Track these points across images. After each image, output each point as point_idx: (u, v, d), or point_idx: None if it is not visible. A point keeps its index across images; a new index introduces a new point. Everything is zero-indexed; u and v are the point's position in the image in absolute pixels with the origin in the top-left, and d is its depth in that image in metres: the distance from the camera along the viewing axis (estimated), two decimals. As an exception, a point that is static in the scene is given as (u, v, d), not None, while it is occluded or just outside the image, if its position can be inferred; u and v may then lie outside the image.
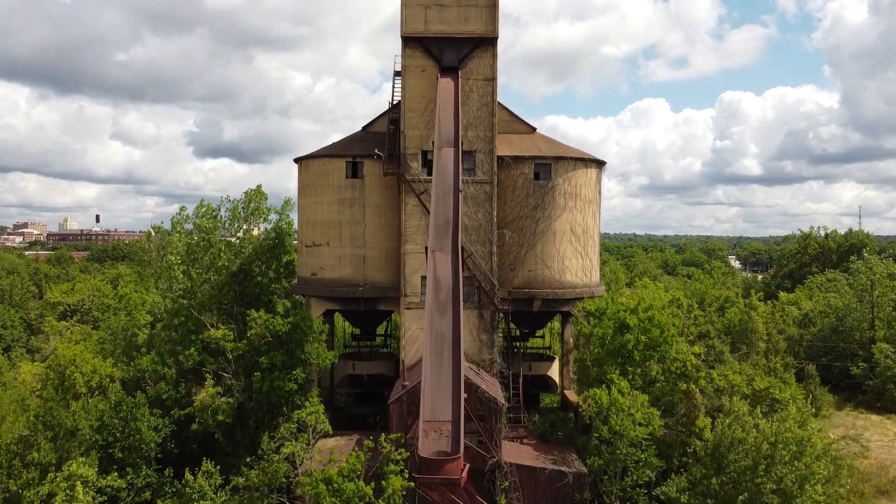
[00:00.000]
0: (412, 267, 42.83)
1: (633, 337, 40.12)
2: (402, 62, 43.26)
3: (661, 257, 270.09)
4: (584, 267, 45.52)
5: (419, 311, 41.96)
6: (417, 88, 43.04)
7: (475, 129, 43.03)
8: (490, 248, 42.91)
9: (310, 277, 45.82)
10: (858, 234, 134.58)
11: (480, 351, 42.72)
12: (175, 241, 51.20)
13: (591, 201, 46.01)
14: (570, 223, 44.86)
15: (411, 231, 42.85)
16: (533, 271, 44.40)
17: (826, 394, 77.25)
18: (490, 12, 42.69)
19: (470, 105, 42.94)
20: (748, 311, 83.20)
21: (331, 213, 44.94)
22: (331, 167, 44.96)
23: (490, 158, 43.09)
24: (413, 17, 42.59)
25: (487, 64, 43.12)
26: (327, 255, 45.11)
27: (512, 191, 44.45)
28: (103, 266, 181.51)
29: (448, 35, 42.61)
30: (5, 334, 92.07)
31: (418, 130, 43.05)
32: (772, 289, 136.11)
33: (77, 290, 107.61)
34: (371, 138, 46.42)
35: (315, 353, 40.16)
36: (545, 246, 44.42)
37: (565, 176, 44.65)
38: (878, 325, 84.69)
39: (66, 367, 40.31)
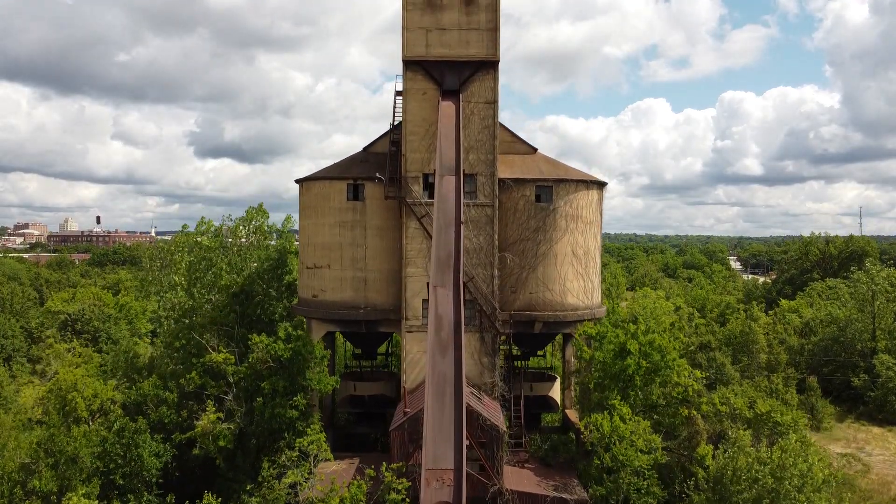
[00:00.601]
0: (413, 290, 42.80)
1: (633, 362, 40.09)
2: (404, 85, 43.21)
3: (661, 260, 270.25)
4: (585, 289, 45.46)
5: (420, 335, 41.99)
6: (418, 111, 42.98)
7: (476, 153, 42.97)
8: (491, 272, 42.87)
9: (311, 299, 45.79)
10: (859, 241, 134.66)
11: (482, 374, 42.68)
12: (178, 261, 51.17)
13: (592, 223, 45.94)
14: (572, 245, 44.80)
15: (412, 254, 42.81)
16: (534, 294, 44.35)
17: (827, 405, 77.28)
18: (491, 35, 42.63)
19: (471, 128, 42.89)
20: (749, 322, 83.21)
21: (332, 236, 44.89)
22: (332, 189, 44.91)
23: (491, 181, 43.04)
24: (414, 41, 42.53)
25: (489, 87, 43.05)
26: (328, 277, 45.06)
27: (513, 213, 44.38)
28: (104, 270, 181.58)
29: (449, 58, 42.56)
30: (6, 344, 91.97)
31: (419, 153, 43.00)
32: (773, 294, 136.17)
33: (78, 298, 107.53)
34: (372, 159, 46.37)
35: (317, 379, 40.16)
36: (546, 268, 44.35)
37: (566, 198, 44.59)
38: (880, 336, 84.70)
39: (67, 391, 40.27)
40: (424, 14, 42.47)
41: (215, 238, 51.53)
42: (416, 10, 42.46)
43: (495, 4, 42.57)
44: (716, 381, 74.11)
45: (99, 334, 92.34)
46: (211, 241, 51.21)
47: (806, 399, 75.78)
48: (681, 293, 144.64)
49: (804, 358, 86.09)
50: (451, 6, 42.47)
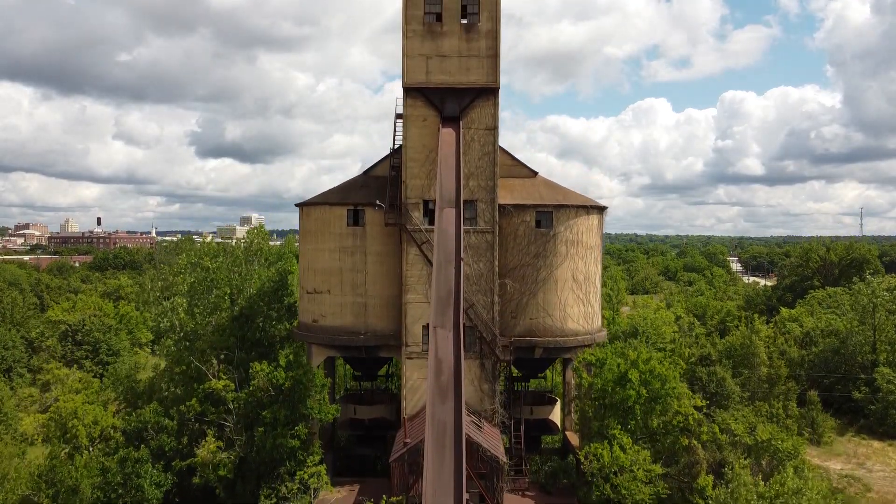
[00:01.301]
0: (413, 316, 42.79)
1: (634, 393, 40.05)
2: (404, 111, 43.17)
3: (662, 262, 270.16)
4: (585, 314, 45.45)
5: (420, 361, 42.03)
6: (419, 138, 42.95)
7: (476, 179, 42.95)
8: (492, 298, 42.87)
9: (311, 324, 45.79)
10: (860, 248, 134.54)
11: (482, 401, 42.69)
12: (179, 283, 51.18)
13: (592, 248, 45.92)
14: (572, 271, 44.78)
15: (413, 280, 42.81)
16: (534, 319, 44.34)
17: (828, 419, 77.23)
18: (491, 62, 42.59)
19: (471, 154, 42.86)
20: (750, 334, 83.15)
21: (332, 261, 44.88)
22: (332, 215, 44.89)
23: (492, 208, 43.03)
24: (415, 68, 42.49)
25: (489, 113, 43.02)
26: (328, 302, 45.06)
27: (514, 238, 44.37)
28: (105, 275, 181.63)
29: (449, 85, 42.53)
30: (7, 356, 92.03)
31: (419, 180, 42.98)
32: (773, 301, 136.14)
33: (79, 308, 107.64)
34: (372, 183, 46.36)
35: (318, 408, 40.17)
36: (547, 294, 44.34)
37: (567, 224, 44.57)
38: (881, 348, 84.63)
39: (67, 418, 40.29)
40: (425, 41, 42.43)
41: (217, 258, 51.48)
42: (416, 38, 42.42)
43: (495, 31, 42.53)
44: (716, 394, 74.28)
45: (99, 345, 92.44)
46: (213, 263, 51.16)
47: (806, 413, 75.79)
48: (681, 300, 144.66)
49: (804, 370, 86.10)
50: (452, 33, 42.44)
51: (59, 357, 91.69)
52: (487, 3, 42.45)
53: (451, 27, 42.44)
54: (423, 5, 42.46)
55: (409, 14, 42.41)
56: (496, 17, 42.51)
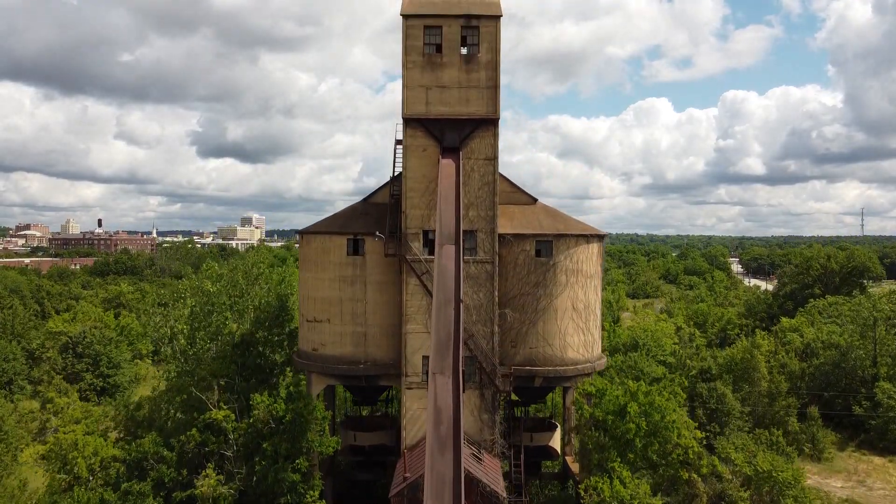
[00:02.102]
0: (413, 347, 42.81)
1: (633, 426, 40.06)
2: (404, 142, 43.16)
3: (662, 265, 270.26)
4: (585, 343, 45.45)
5: (420, 391, 42.07)
6: (419, 168, 42.93)
7: (476, 209, 42.94)
8: (491, 328, 42.87)
9: (311, 353, 45.80)
10: (860, 256, 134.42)
11: (481, 431, 42.70)
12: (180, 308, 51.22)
13: (592, 276, 45.91)
14: (572, 300, 44.78)
15: (412, 311, 42.81)
16: (534, 349, 44.35)
17: (829, 434, 77.28)
18: (491, 93, 42.56)
19: (471, 185, 42.85)
20: (751, 349, 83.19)
21: (332, 290, 44.88)
22: (332, 244, 44.90)
23: (491, 238, 43.03)
24: (415, 99, 42.46)
25: (489, 144, 42.99)
26: (328, 331, 45.07)
27: (513, 267, 44.37)
28: (105, 280, 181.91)
29: (449, 116, 42.51)
30: (7, 368, 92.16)
31: (419, 210, 42.98)
32: (774, 309, 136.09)
33: (79, 319, 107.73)
34: (372, 211, 46.36)
35: (318, 441, 40.19)
36: (546, 323, 44.35)
37: (566, 253, 44.56)
38: (881, 362, 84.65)
39: (68, 450, 40.34)
40: (425, 72, 42.40)
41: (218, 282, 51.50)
42: (416, 69, 42.38)
43: (495, 62, 42.50)
44: (716, 410, 74.32)
45: (100, 358, 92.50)
46: (214, 287, 51.19)
47: (807, 428, 75.88)
48: (682, 307, 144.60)
49: (805, 383, 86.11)
50: (451, 64, 42.40)
51: (59, 369, 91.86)
52: (487, 34, 42.42)
53: (451, 58, 42.41)
54: (423, 36, 42.43)
55: (409, 45, 42.38)
56: (496, 48, 42.47)
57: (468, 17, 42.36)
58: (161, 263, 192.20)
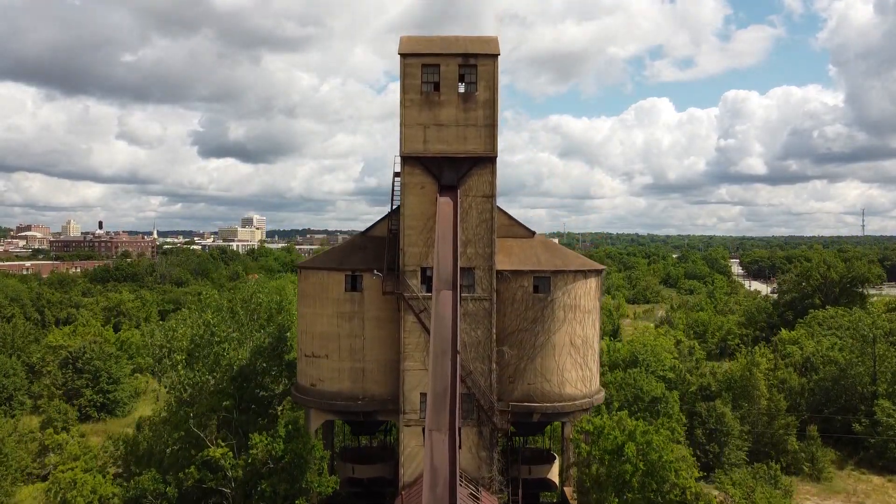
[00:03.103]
0: (411, 384, 42.86)
1: (630, 467, 40.08)
2: (402, 179, 43.17)
3: (663, 269, 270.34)
4: (583, 378, 45.49)
5: (418, 429, 42.08)
6: (417, 206, 42.95)
7: (474, 246, 42.96)
8: (489, 366, 42.92)
9: (309, 388, 45.86)
10: (860, 267, 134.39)
11: (479, 468, 42.76)
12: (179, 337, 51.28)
13: (590, 311, 45.94)
14: (570, 335, 44.81)
15: (410, 348, 42.86)
16: (532, 384, 44.40)
17: (828, 452, 77.35)
18: (489, 131, 42.56)
19: (469, 222, 42.87)
20: (750, 366, 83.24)
21: (330, 326, 44.93)
22: (330, 280, 44.94)
23: (489, 275, 43.05)
24: (413, 137, 42.47)
25: (486, 181, 43.00)
26: (326, 367, 45.14)
27: (511, 303, 44.39)
28: (106, 287, 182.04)
29: (447, 154, 42.51)
30: (7, 384, 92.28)
31: (417, 248, 43.00)
32: (774, 318, 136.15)
33: (79, 333, 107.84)
34: (370, 245, 46.40)
35: (317, 481, 40.27)
36: (544, 359, 44.39)
37: (564, 289, 44.58)
38: (881, 379, 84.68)
39: (66, 489, 40.42)
40: (422, 110, 42.41)
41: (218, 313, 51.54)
42: (413, 107, 42.38)
43: (493, 101, 42.49)
44: (715, 430, 74.42)
45: (100, 374, 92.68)
46: (214, 317, 51.23)
47: (806, 448, 75.97)
48: (682, 316, 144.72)
49: (804, 399, 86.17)
50: (449, 102, 42.40)
51: (59, 384, 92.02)
52: (484, 72, 42.41)
53: (449, 96, 42.41)
54: (421, 75, 42.43)
55: (407, 83, 42.37)
56: (493, 86, 42.47)
57: (466, 55, 42.35)
58: (161, 270, 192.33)
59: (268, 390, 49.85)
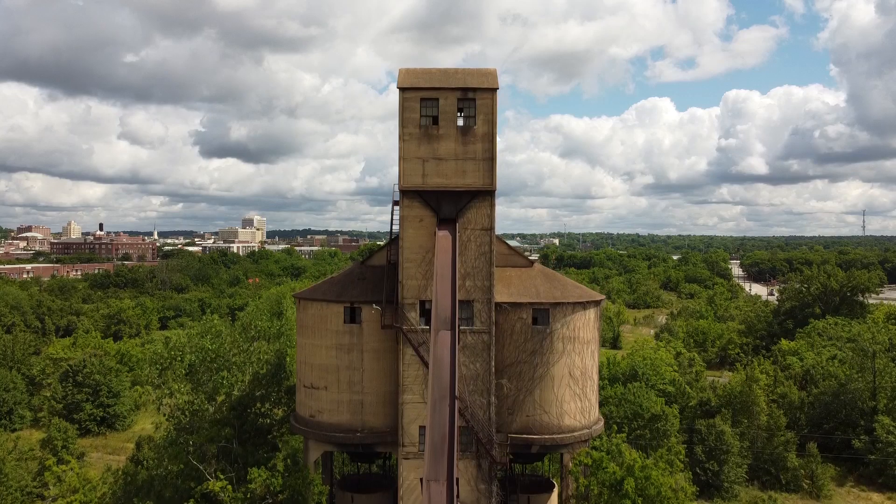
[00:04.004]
0: (410, 417, 42.85)
1: (629, 502, 40.09)
2: (401, 212, 43.14)
3: (663, 273, 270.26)
4: (582, 409, 45.48)
5: (417, 462, 42.06)
6: (415, 238, 42.92)
7: (473, 279, 42.93)
8: (488, 399, 42.89)
9: (308, 419, 45.86)
10: (860, 276, 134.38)
11: (478, 501, 42.75)
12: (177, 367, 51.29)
13: (589, 342, 45.93)
14: (569, 367, 44.78)
15: (409, 381, 42.84)
16: (531, 416, 44.37)
17: (828, 468, 77.41)
18: (488, 165, 42.51)
19: (468, 255, 42.84)
20: (750, 383, 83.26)
21: (329, 358, 44.92)
22: (329, 312, 44.92)
23: (488, 308, 43.02)
24: (411, 171, 42.42)
25: (485, 214, 42.97)
26: (325, 398, 45.12)
27: (510, 335, 44.36)
28: (106, 293, 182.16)
29: (446, 188, 42.45)
30: (7, 398, 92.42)
31: (416, 280, 42.99)
32: (774, 328, 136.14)
33: (79, 345, 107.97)
34: (369, 275, 46.37)
35: (315, 518, 40.33)
36: (543, 391, 44.37)
37: (563, 321, 44.56)
38: (881, 395, 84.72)
39: (65, 523, 40.44)
40: (421, 144, 42.36)
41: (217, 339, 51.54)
42: (412, 141, 42.33)
43: (491, 134, 42.44)
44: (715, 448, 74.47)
45: (100, 388, 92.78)
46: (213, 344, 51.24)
47: (806, 464, 76.04)
48: (682, 325, 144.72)
49: (804, 413, 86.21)
50: (448, 136, 42.34)
51: (59, 398, 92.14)
52: (483, 106, 42.35)
53: (448, 130, 42.35)
54: (420, 108, 42.38)
55: (406, 117, 42.32)
56: (492, 120, 42.42)
57: (465, 89, 42.28)
58: (162, 275, 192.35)
59: (267, 417, 49.80)
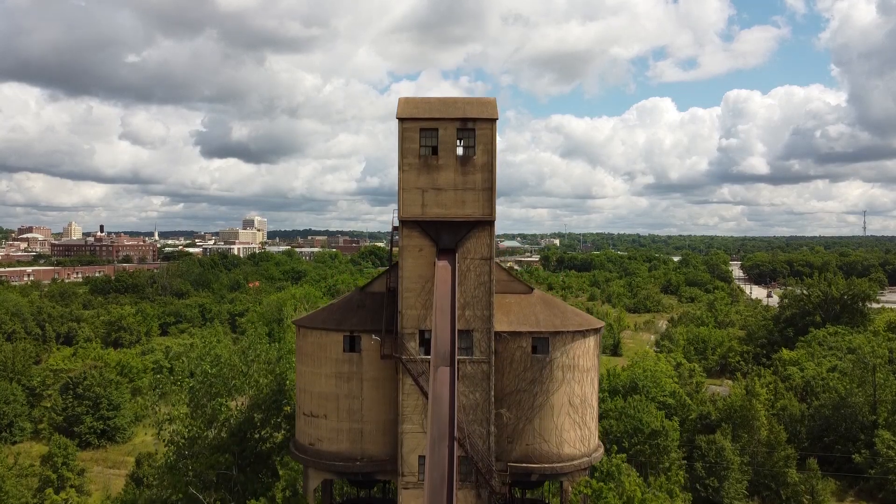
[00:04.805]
0: (409, 447, 42.84)
1: (629, 535, 40.11)
2: (400, 242, 43.11)
3: (663, 277, 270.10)
4: (582, 437, 45.46)
5: (416, 491, 42.05)
6: (415, 268, 42.89)
7: (472, 309, 42.89)
8: (487, 428, 42.86)
9: (308, 447, 45.85)
10: (862, 284, 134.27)
11: (478, 531, 42.74)
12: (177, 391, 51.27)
13: (588, 370, 45.90)
14: (569, 395, 44.76)
15: (408, 411, 42.82)
16: (531, 445, 44.35)
17: (829, 483, 77.36)
18: (487, 195, 42.46)
19: (467, 284, 42.80)
20: (750, 398, 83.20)
21: (328, 386, 44.91)
22: (328, 340, 44.89)
23: (487, 337, 42.99)
24: (411, 202, 42.37)
25: (484, 244, 42.93)
26: (325, 427, 45.11)
27: (510, 363, 44.33)
28: (107, 299, 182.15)
29: (445, 219, 42.41)
30: (8, 410, 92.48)
31: (415, 310, 42.96)
32: (774, 335, 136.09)
33: (80, 355, 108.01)
34: (369, 302, 46.31)
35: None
36: (543, 420, 44.34)
37: (563, 349, 44.53)
38: (881, 409, 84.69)
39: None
40: (421, 174, 42.31)
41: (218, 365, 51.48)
42: (412, 171, 42.29)
43: (490, 165, 42.38)
44: (715, 464, 74.40)
45: (100, 400, 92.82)
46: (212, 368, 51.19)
47: (806, 479, 75.99)
48: (683, 332, 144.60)
49: (804, 426, 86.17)
50: (447, 167, 42.29)
51: (60, 410, 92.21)
52: (483, 136, 42.30)
53: (447, 160, 42.30)
54: (420, 139, 42.32)
55: (406, 147, 42.26)
56: (491, 150, 42.36)
57: (464, 119, 42.24)
58: (162, 281, 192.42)
59: (267, 441, 49.78)
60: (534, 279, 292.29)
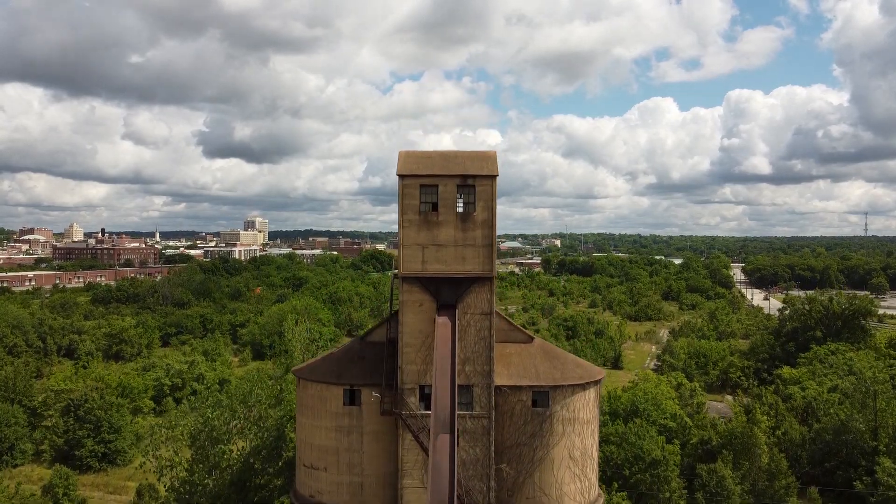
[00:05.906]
0: (409, 502, 42.80)
1: None
2: (401, 297, 43.03)
3: (664, 282, 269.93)
4: (582, 489, 45.43)
5: (416, 547, 42.07)
6: (415, 323, 42.83)
7: (472, 364, 42.84)
8: (487, 483, 42.83)
9: (308, 499, 45.85)
10: (863, 300, 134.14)
11: (478, 586, 42.72)
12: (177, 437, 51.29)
13: (589, 421, 45.85)
14: (569, 448, 44.71)
15: (409, 466, 42.80)
16: (531, 499, 44.31)
17: (830, 511, 77.17)
18: (487, 251, 42.38)
19: (467, 339, 42.74)
20: (751, 427, 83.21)
21: (328, 439, 44.88)
22: (329, 393, 44.87)
23: (487, 392, 42.94)
24: (411, 258, 42.30)
25: (485, 299, 42.85)
26: (325, 479, 45.11)
27: (510, 417, 44.28)
28: (108, 309, 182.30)
29: (445, 275, 42.33)
30: (9, 433, 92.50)
31: (415, 366, 42.92)
32: (775, 350, 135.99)
33: (81, 375, 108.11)
34: (369, 353, 46.28)
35: None
36: (543, 473, 44.30)
37: (563, 402, 44.48)
38: (882, 434, 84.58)
39: None
40: (421, 230, 42.23)
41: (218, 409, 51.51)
42: (412, 227, 42.21)
43: (491, 221, 42.29)
44: (716, 494, 74.40)
45: (101, 423, 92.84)
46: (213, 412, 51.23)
47: (806, 507, 75.96)
48: (684, 345, 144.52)
49: (805, 451, 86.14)
50: (447, 223, 42.21)
51: (61, 433, 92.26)
52: (483, 192, 42.21)
53: (447, 217, 42.21)
54: (420, 195, 42.24)
55: (406, 203, 42.17)
56: (491, 207, 42.27)
57: (465, 176, 42.15)
58: (163, 291, 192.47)
59: (267, 489, 49.78)
60: (535, 283, 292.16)
